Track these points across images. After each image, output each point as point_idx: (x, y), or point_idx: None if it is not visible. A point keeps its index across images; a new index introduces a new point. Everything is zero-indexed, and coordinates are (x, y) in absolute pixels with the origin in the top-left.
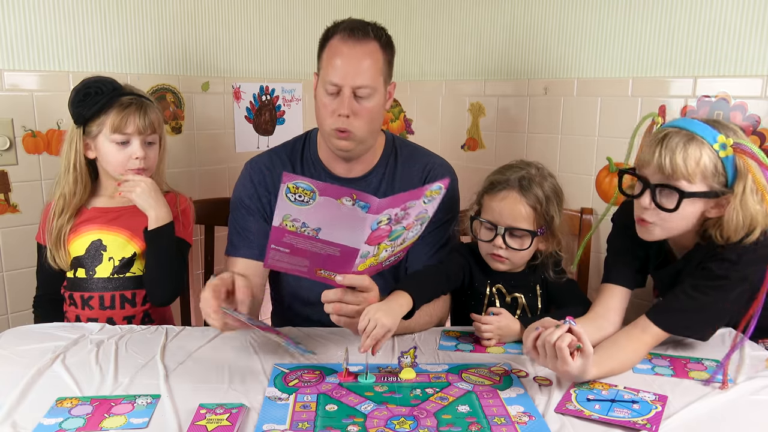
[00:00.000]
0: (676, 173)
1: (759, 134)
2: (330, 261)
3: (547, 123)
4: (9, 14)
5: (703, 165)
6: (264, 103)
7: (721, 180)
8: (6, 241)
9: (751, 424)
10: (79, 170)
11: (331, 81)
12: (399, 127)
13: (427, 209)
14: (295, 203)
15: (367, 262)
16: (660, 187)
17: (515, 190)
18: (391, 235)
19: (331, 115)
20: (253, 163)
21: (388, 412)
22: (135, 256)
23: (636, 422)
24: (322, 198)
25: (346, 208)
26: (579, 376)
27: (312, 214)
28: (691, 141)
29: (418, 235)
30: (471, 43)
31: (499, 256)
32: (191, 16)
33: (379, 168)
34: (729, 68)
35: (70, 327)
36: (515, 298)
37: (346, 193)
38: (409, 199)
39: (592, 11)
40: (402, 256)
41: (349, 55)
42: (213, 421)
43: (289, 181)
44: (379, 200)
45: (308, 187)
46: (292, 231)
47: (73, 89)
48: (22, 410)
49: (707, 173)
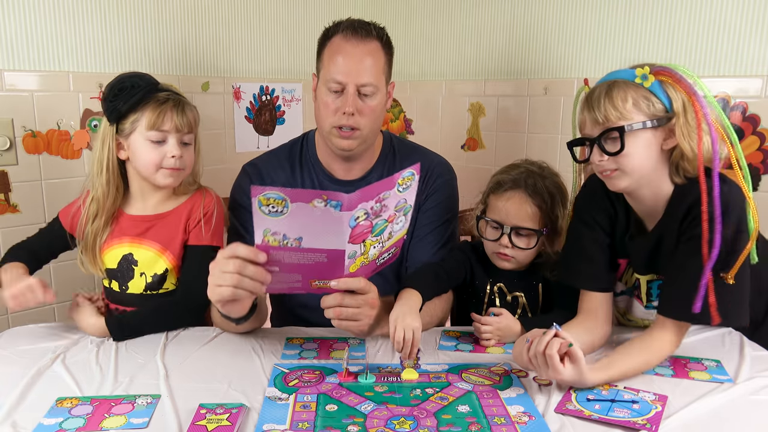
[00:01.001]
0: (609, 117)
1: (759, 134)
2: (320, 269)
3: (547, 123)
4: (9, 14)
5: (631, 100)
6: (264, 103)
7: (659, 107)
8: (6, 241)
9: (751, 424)
10: (111, 171)
11: (334, 79)
12: (399, 127)
13: (406, 198)
14: (270, 215)
15: (357, 262)
16: (602, 137)
17: (521, 190)
18: (374, 230)
19: (335, 113)
20: (251, 166)
21: (388, 412)
22: (167, 271)
23: (636, 422)
24: (295, 204)
25: (320, 211)
26: (578, 382)
27: (289, 224)
28: (613, 85)
29: (405, 229)
30: (471, 43)
31: (505, 255)
32: (191, 16)
33: (378, 168)
34: (729, 68)
35: (70, 327)
36: (516, 297)
37: (315, 195)
38: (381, 189)
39: (592, 11)
40: (397, 253)
41: (353, 53)
42: (213, 421)
43: (258, 194)
44: (348, 195)
45: (278, 197)
46: (275, 246)
47: (107, 85)
48: (22, 410)
49: (640, 105)
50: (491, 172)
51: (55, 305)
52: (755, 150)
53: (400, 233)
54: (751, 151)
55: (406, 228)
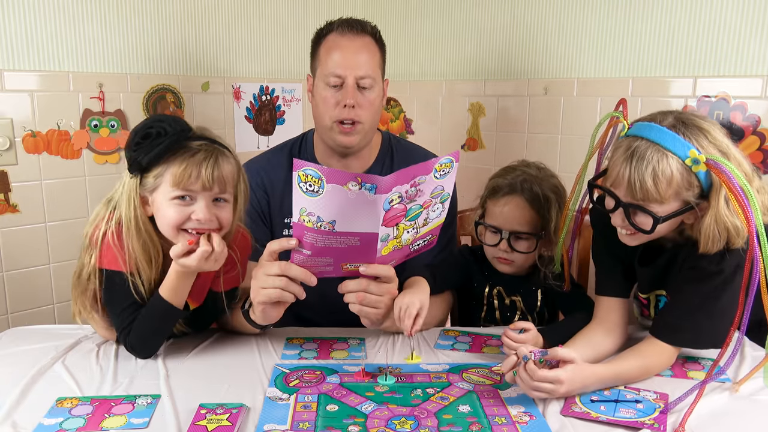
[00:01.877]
0: (648, 197)
1: (759, 134)
2: (353, 252)
3: (547, 123)
4: (9, 14)
5: (675, 184)
6: (264, 103)
7: (696, 192)
8: (6, 241)
9: (751, 424)
10: (144, 232)
11: (333, 72)
12: (399, 127)
13: (443, 185)
14: (307, 194)
15: (389, 245)
16: (633, 208)
17: (518, 195)
18: (408, 215)
19: (335, 106)
20: (249, 166)
21: (389, 412)
22: None
23: (644, 422)
24: (330, 186)
25: (354, 194)
26: (582, 379)
27: (324, 206)
28: (662, 159)
29: (443, 217)
30: (471, 43)
31: (505, 259)
32: (191, 16)
33: (376, 167)
34: (729, 68)
35: (70, 327)
36: (513, 301)
37: (350, 178)
38: (417, 173)
39: (592, 11)
40: (434, 241)
41: (350, 47)
42: (213, 421)
43: (299, 168)
44: (383, 178)
45: (316, 174)
46: (310, 227)
47: (132, 129)
48: (22, 410)
49: (680, 189)
50: (491, 172)
51: (54, 305)
52: (755, 150)
53: (437, 221)
54: (751, 151)
55: (443, 217)
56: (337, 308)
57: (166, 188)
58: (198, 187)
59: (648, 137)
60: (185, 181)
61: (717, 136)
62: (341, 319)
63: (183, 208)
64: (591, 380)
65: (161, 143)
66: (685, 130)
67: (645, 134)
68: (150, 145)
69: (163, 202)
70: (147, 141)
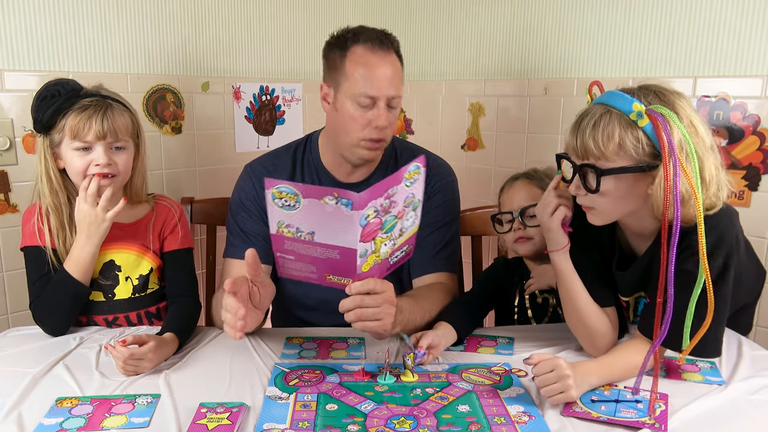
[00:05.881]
0: (589, 153)
1: (759, 134)
2: (333, 264)
3: (547, 123)
4: (9, 14)
5: (618, 139)
6: (264, 103)
7: (650, 151)
8: (6, 241)
9: (751, 424)
10: (54, 180)
11: (366, 93)
12: (399, 127)
13: (414, 193)
14: (283, 208)
15: (369, 260)
16: (584, 168)
17: (521, 179)
18: (383, 227)
19: (365, 126)
20: (253, 166)
21: (389, 411)
22: (151, 271)
23: (645, 422)
24: (306, 200)
25: (331, 208)
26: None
27: (302, 218)
28: (604, 116)
29: (417, 225)
30: (471, 43)
31: (522, 238)
32: (191, 16)
33: (380, 170)
34: (729, 68)
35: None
36: (546, 298)
37: (327, 192)
38: (389, 185)
39: (592, 11)
40: (411, 251)
41: (381, 66)
42: (213, 420)
43: (271, 186)
44: (358, 194)
45: (291, 191)
46: (290, 237)
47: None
48: (22, 410)
49: (626, 147)
50: (491, 172)
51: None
52: (755, 150)
53: (411, 230)
54: (751, 151)
55: (417, 224)
56: (338, 312)
57: (68, 141)
58: (92, 138)
59: (600, 101)
60: (80, 132)
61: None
62: (343, 323)
63: (84, 156)
64: (590, 375)
65: (55, 102)
66: (640, 89)
67: (599, 99)
68: (47, 104)
69: (67, 152)
70: (44, 102)
